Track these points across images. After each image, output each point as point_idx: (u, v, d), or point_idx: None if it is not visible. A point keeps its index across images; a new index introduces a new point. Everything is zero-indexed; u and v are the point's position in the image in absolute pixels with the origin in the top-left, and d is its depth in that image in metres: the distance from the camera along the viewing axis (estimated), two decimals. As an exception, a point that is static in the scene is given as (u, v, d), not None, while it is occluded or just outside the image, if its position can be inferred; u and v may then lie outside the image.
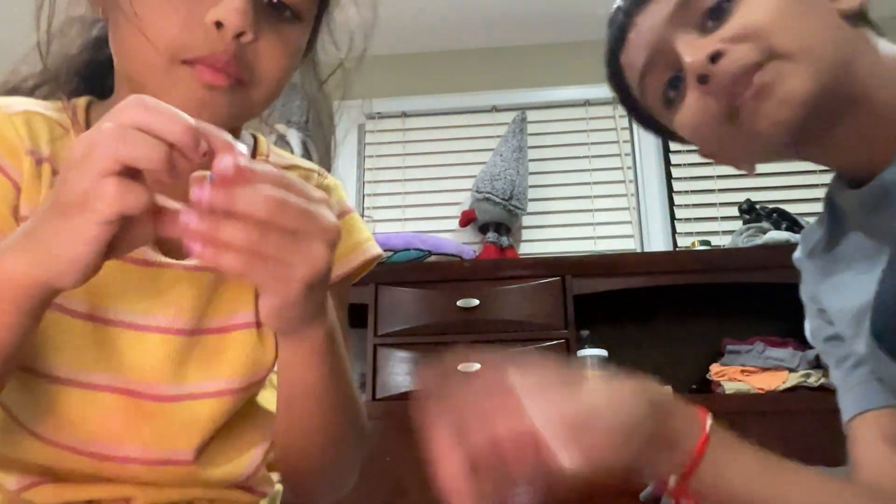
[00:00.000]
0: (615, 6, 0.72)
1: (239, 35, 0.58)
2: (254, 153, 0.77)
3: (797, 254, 0.79)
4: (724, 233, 2.47)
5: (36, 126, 0.65)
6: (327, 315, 0.56)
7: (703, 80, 0.63)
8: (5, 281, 0.48)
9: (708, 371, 2.03)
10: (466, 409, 0.50)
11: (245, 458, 0.69)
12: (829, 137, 0.64)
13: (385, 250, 1.96)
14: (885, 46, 0.66)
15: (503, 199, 2.41)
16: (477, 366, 0.54)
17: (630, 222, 2.58)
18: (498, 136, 2.60)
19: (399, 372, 1.99)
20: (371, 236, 0.79)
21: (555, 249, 2.54)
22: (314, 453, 0.67)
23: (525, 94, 2.72)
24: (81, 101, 0.71)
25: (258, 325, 0.69)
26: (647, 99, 0.72)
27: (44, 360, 0.61)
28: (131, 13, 0.59)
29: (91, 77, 0.73)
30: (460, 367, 0.57)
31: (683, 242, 2.52)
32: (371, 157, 2.74)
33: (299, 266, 0.46)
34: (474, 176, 2.55)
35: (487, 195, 2.42)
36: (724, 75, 0.61)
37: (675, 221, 2.58)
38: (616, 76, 0.74)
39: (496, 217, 2.44)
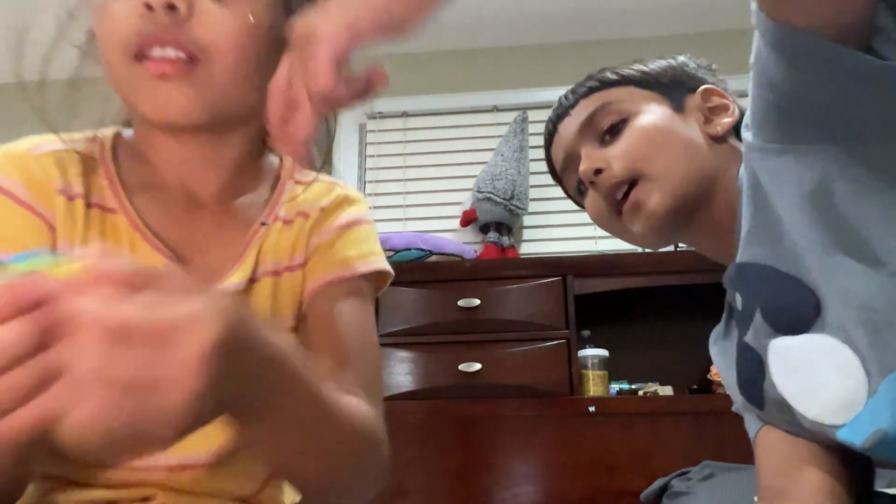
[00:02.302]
0: (550, 114, 0.92)
1: (170, 8, 0.58)
2: (277, 175, 0.77)
3: (710, 351, 0.92)
4: (726, 233, 2.47)
5: (66, 163, 0.67)
6: (276, 381, 0.47)
7: (592, 184, 0.83)
8: None
9: (709, 371, 2.03)
10: None
11: (260, 468, 0.69)
12: (692, 229, 0.81)
13: (386, 250, 1.96)
14: None
15: (504, 198, 2.41)
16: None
17: (631, 222, 2.58)
18: (499, 136, 2.60)
19: (400, 372, 1.99)
20: (381, 252, 0.77)
21: (556, 249, 2.53)
22: (318, 482, 0.61)
23: (526, 93, 2.72)
24: (108, 134, 0.72)
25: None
26: (566, 187, 0.93)
27: None
28: (95, 26, 0.61)
29: None
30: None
31: (684, 242, 2.51)
32: (372, 156, 2.74)
33: (164, 392, 0.35)
34: (475, 176, 2.55)
35: (488, 195, 2.42)
36: (603, 186, 0.81)
37: (677, 221, 2.57)
38: (549, 165, 0.95)
39: (497, 217, 2.44)
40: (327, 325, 0.70)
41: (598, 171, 0.81)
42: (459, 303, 2.01)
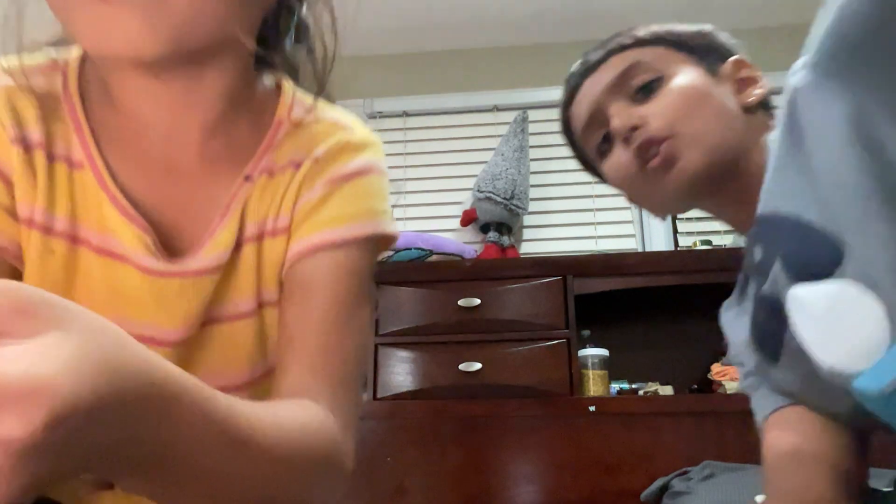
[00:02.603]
0: (571, 71, 0.90)
1: None
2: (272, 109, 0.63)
3: (720, 320, 0.91)
4: (726, 232, 2.47)
5: (18, 103, 0.56)
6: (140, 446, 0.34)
7: (625, 141, 0.81)
8: None
9: (709, 371, 2.02)
10: None
11: None
12: (718, 197, 0.81)
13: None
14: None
15: (504, 198, 2.41)
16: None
17: (631, 222, 2.58)
18: (499, 136, 2.60)
19: (400, 372, 1.99)
20: (386, 210, 0.64)
21: (556, 249, 2.54)
22: None
23: (526, 93, 2.72)
24: (73, 60, 0.59)
25: (258, 313, 0.62)
26: (586, 147, 0.90)
27: None
28: None
29: None
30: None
31: (685, 242, 2.51)
32: (372, 156, 2.74)
33: None
34: (475, 175, 2.55)
35: (489, 195, 2.42)
36: (636, 143, 0.79)
37: (677, 221, 2.57)
38: (565, 125, 0.92)
39: (497, 217, 2.44)
40: (299, 305, 0.59)
41: (634, 128, 0.80)
42: (460, 302, 2.01)
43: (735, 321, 0.86)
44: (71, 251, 0.59)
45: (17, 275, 0.58)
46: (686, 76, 0.81)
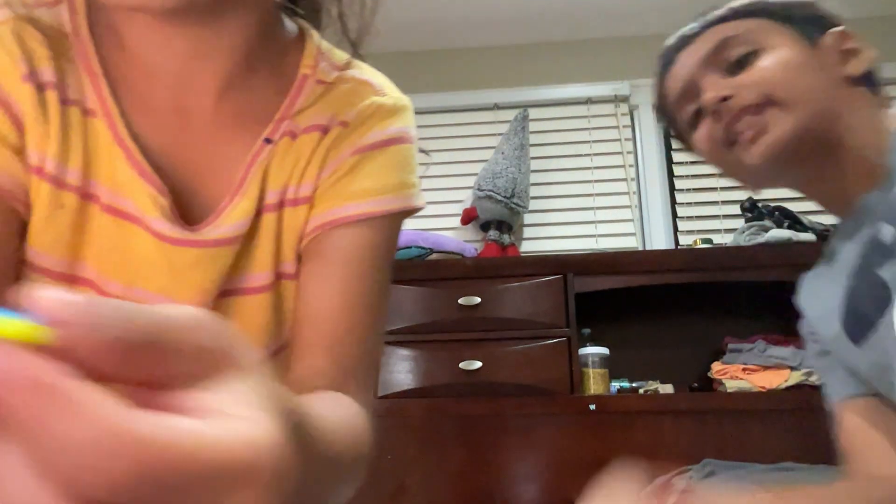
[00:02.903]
0: (666, 45, 0.89)
1: None
2: (292, 64, 0.57)
3: (799, 288, 0.91)
4: (726, 231, 2.46)
5: (29, 40, 0.50)
6: None
7: (715, 113, 0.80)
8: None
9: (709, 369, 2.02)
10: None
11: None
12: (809, 169, 0.80)
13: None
14: (881, 107, 0.80)
15: (505, 196, 2.41)
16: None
17: (632, 220, 2.58)
18: (500, 134, 2.59)
19: (400, 370, 1.99)
20: (415, 183, 0.61)
21: (556, 247, 2.53)
22: None
23: (527, 91, 2.72)
24: None
25: (274, 287, 0.58)
26: (678, 120, 0.90)
27: None
28: None
29: None
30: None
31: (685, 240, 2.51)
32: (372, 154, 2.74)
33: None
34: (476, 174, 2.54)
35: (489, 193, 2.42)
36: (727, 114, 0.79)
37: (677, 219, 2.57)
38: (660, 98, 0.92)
39: (498, 215, 2.43)
40: (319, 283, 0.56)
41: (724, 98, 0.79)
42: (460, 301, 2.01)
43: (821, 290, 0.83)
44: (81, 207, 0.53)
45: (20, 223, 0.52)
46: (783, 48, 0.79)
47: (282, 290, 0.59)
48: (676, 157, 2.62)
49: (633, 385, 2.08)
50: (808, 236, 2.03)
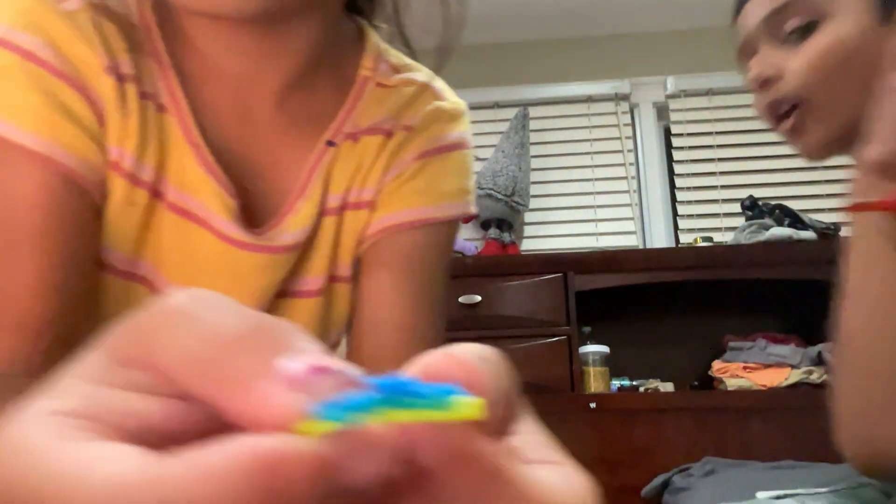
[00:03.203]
0: None
1: None
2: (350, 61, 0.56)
3: None
4: (727, 229, 2.46)
5: (107, 30, 0.48)
6: None
7: (761, 87, 0.79)
8: None
9: (710, 368, 2.02)
10: None
11: None
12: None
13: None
14: None
15: (505, 195, 2.41)
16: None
17: (632, 218, 2.58)
18: (500, 133, 2.59)
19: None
20: (472, 189, 0.61)
21: (557, 246, 2.53)
22: None
23: (527, 90, 2.72)
24: None
25: (325, 291, 0.57)
26: (740, 63, 0.87)
27: None
28: None
29: None
30: None
31: (685, 239, 2.51)
32: (373, 153, 2.74)
33: None
34: (476, 172, 2.54)
35: (489, 191, 2.42)
36: (767, 98, 0.78)
37: (678, 218, 2.57)
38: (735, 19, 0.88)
39: (498, 213, 2.43)
40: (382, 288, 0.56)
41: (765, 81, 0.77)
42: (460, 299, 2.01)
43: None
44: (150, 205, 0.52)
45: (100, 220, 0.50)
46: (844, 23, 0.74)
47: (333, 293, 0.58)
48: (677, 155, 2.62)
49: (634, 383, 2.08)
50: (809, 234, 2.03)
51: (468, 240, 2.43)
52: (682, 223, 2.55)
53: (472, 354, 0.19)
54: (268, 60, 0.52)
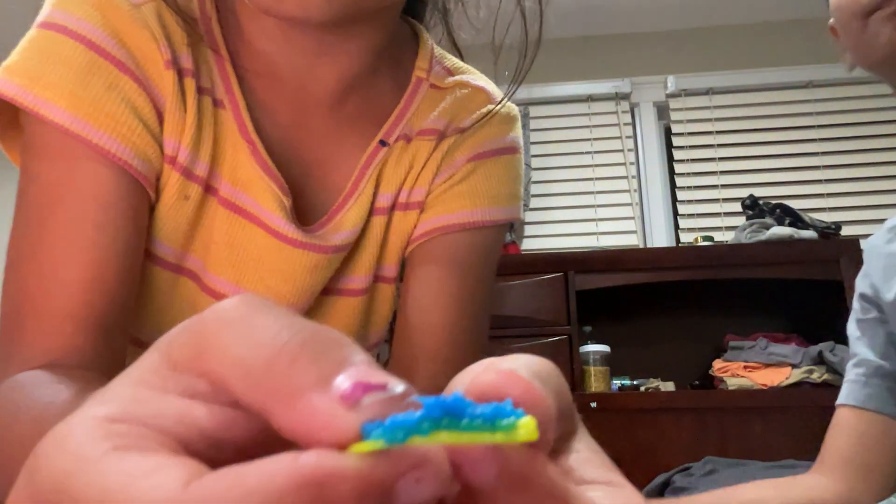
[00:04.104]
0: None
1: None
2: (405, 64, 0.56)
3: (873, 240, 0.85)
4: (727, 228, 2.47)
5: (169, 24, 0.49)
6: None
7: None
8: None
9: (710, 367, 2.03)
10: None
11: None
12: None
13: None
14: None
15: (506, 194, 2.41)
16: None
17: (633, 218, 2.58)
18: (500, 132, 2.59)
19: (402, 368, 1.99)
20: (521, 195, 0.61)
21: (557, 245, 2.54)
22: None
23: (528, 89, 2.71)
24: None
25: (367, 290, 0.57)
26: None
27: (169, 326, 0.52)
28: None
29: None
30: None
31: (686, 238, 2.51)
32: (373, 152, 2.74)
33: None
34: (477, 172, 2.55)
35: (490, 191, 2.42)
36: None
37: (678, 217, 2.57)
38: None
39: (499, 213, 2.44)
40: (430, 289, 0.56)
41: None
42: (461, 299, 2.01)
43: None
44: (203, 200, 0.52)
45: (150, 207, 0.51)
46: None
47: (377, 293, 0.58)
48: (677, 154, 2.62)
49: (635, 383, 2.08)
50: (810, 234, 2.03)
51: (469, 239, 2.44)
52: (682, 222, 2.56)
53: (527, 369, 0.19)
54: (327, 60, 0.52)
